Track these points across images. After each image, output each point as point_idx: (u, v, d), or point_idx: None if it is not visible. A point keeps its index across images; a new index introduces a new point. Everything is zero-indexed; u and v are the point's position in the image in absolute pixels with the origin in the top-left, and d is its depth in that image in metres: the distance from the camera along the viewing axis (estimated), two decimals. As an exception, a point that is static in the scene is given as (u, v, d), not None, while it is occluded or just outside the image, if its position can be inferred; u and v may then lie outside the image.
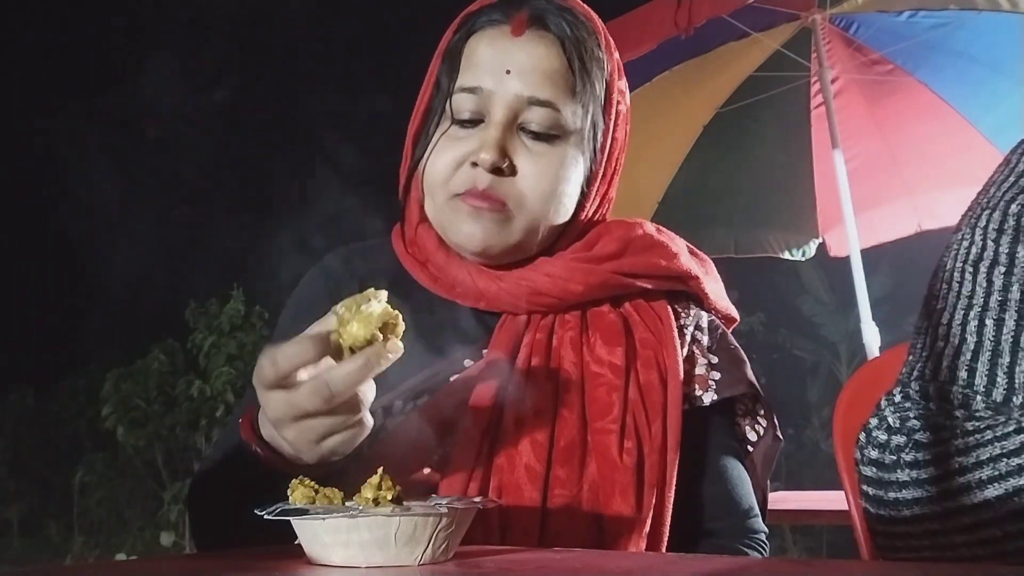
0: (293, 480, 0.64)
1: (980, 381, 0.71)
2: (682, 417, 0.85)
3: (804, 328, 8.20)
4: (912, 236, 3.60)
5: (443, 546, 0.59)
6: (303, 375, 0.68)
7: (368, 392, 0.70)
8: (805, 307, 8.23)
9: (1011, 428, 0.66)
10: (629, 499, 0.80)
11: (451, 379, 0.86)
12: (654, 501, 0.81)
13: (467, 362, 0.87)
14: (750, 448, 0.94)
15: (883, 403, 0.76)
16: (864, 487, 0.75)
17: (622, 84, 0.94)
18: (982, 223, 0.77)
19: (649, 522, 0.81)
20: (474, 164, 0.85)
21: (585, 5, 0.92)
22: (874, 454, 0.74)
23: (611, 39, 0.93)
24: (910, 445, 0.71)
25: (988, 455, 0.65)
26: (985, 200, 0.79)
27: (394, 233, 0.97)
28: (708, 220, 3.83)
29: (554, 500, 0.80)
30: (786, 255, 3.88)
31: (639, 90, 3.38)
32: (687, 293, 0.96)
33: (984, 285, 0.73)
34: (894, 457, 0.72)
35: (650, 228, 0.95)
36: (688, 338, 0.92)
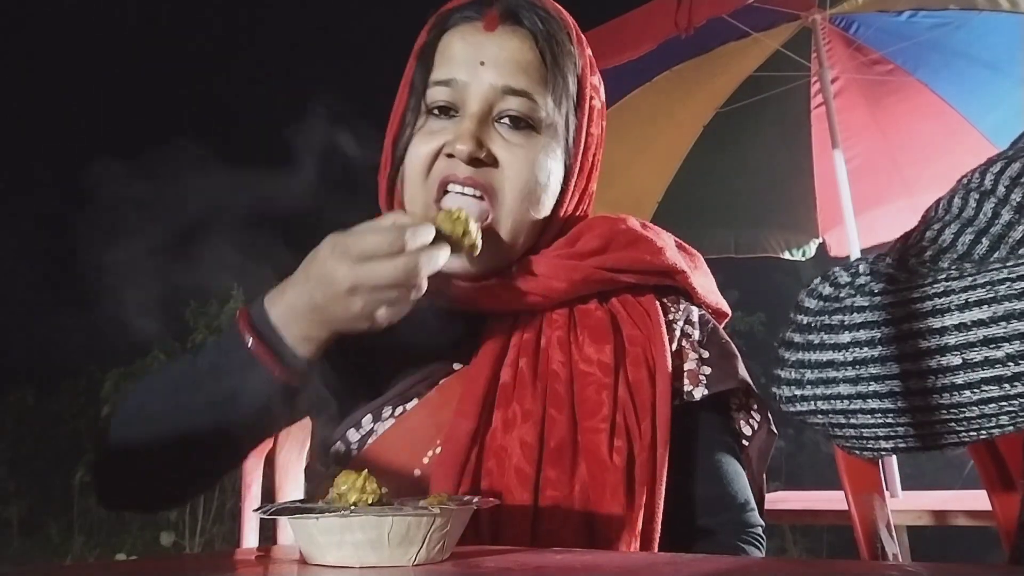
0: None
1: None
2: (673, 413, 0.85)
3: (804, 328, 8.16)
4: (912, 236, 3.59)
5: (438, 546, 0.59)
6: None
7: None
8: (805, 307, 8.19)
9: (994, 269, 0.58)
10: (620, 498, 0.79)
11: (440, 382, 0.86)
12: (644, 499, 0.81)
13: (456, 365, 0.87)
14: (745, 443, 0.93)
15: (837, 268, 0.69)
16: (800, 318, 0.66)
17: (595, 80, 0.93)
18: (995, 169, 0.71)
19: (640, 520, 0.80)
20: (450, 155, 0.84)
21: (556, 3, 0.93)
22: (827, 290, 0.66)
23: (583, 35, 0.93)
24: (883, 279, 0.64)
25: (960, 286, 0.58)
26: (1005, 154, 0.73)
27: None
28: (708, 220, 3.83)
29: (545, 501, 0.79)
30: (786, 255, 3.88)
31: (639, 90, 3.38)
32: (676, 288, 0.95)
33: (988, 215, 0.67)
34: (852, 291, 0.64)
35: (634, 223, 0.94)
36: (677, 333, 0.91)
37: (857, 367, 0.61)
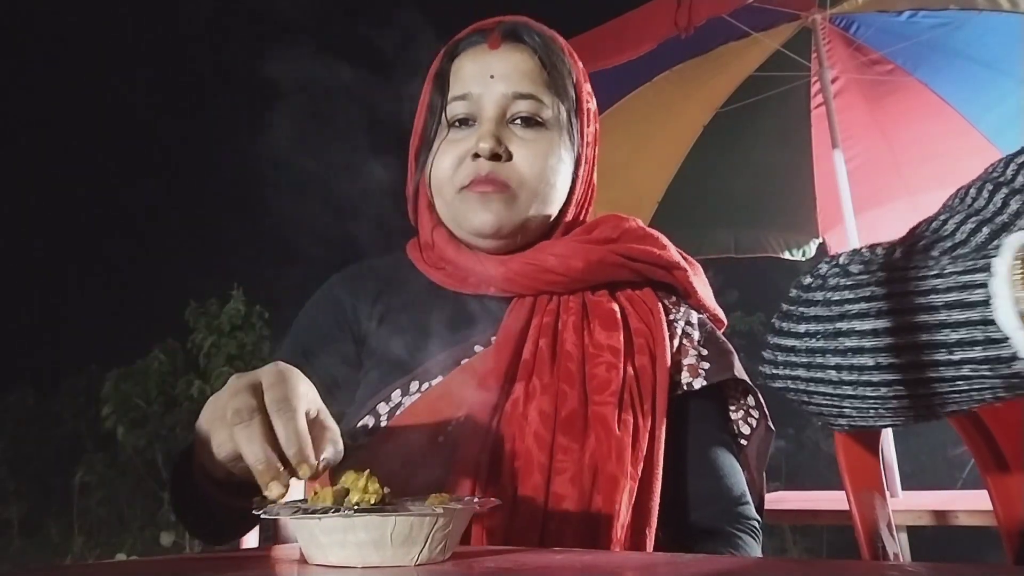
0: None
1: None
2: (675, 403, 0.95)
3: (804, 328, 8.14)
4: (912, 236, 3.60)
5: (440, 546, 0.59)
6: None
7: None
8: (805, 307, 8.18)
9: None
10: (623, 465, 0.88)
11: (463, 362, 0.95)
12: (642, 469, 0.89)
13: (477, 347, 0.97)
14: (744, 442, 1.01)
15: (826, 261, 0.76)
16: (783, 305, 0.73)
17: (588, 88, 1.07)
18: (1020, 159, 0.74)
19: (637, 488, 0.88)
20: (475, 156, 0.97)
21: (548, 28, 1.06)
22: (807, 280, 0.73)
23: (574, 52, 1.08)
24: (841, 274, 0.70)
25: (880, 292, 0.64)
26: (1020, 151, 0.77)
27: (409, 246, 1.09)
28: (708, 220, 3.84)
29: (558, 463, 0.88)
30: (786, 255, 3.88)
31: (639, 90, 3.39)
32: (675, 290, 1.05)
33: (998, 205, 0.71)
34: (819, 283, 0.70)
35: (640, 223, 1.07)
36: (679, 331, 1.00)
37: (809, 355, 0.68)
